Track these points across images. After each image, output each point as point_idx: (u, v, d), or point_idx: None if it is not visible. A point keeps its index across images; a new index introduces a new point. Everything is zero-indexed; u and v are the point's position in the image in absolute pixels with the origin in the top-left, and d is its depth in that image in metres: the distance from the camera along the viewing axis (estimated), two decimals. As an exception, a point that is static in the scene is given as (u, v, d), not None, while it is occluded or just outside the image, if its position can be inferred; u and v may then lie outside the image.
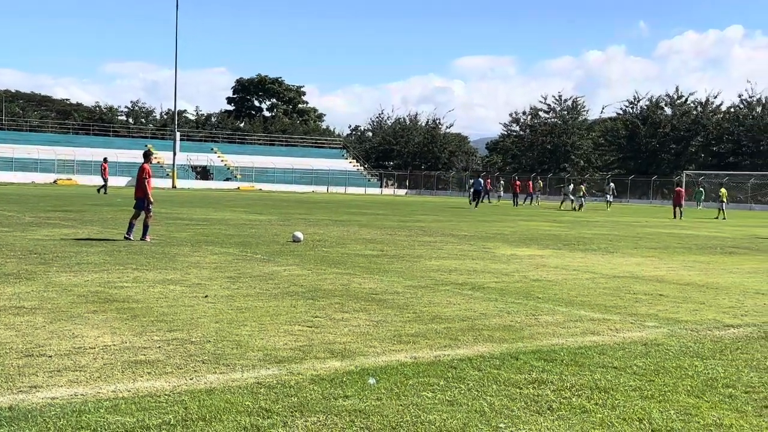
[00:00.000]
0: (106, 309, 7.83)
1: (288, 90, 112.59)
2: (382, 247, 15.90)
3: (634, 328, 7.77)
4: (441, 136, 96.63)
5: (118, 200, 34.88)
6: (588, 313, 8.60)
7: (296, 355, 6.13)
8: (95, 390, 5.03)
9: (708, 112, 79.12)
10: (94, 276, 10.20)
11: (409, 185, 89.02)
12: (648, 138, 79.67)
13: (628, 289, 10.73)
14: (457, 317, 8.04)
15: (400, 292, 9.71)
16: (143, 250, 13.57)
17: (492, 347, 6.63)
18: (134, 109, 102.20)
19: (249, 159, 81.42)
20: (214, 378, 5.39)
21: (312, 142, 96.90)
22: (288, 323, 7.38)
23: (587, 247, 17.56)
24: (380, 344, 6.61)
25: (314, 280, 10.54)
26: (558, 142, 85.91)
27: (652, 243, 19.74)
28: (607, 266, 13.66)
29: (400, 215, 30.64)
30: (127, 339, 6.50)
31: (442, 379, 5.52)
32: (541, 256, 15.06)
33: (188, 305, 8.20)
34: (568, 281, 11.38)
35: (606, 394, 5.29)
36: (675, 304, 9.42)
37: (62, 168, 70.04)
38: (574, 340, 7.05)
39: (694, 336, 7.46)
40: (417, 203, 49.66)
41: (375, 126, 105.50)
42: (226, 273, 10.93)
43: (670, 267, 13.89)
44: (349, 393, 5.11)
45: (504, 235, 20.69)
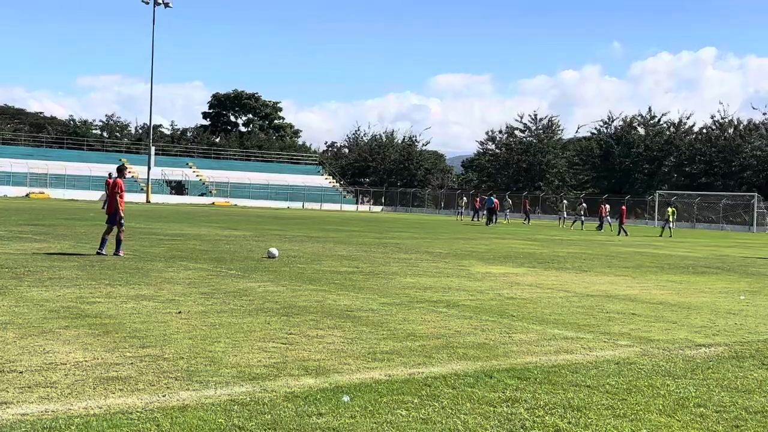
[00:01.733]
0: (78, 324, 7.75)
1: (264, 105, 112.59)
2: (357, 263, 15.90)
3: (607, 347, 7.82)
4: (417, 153, 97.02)
5: (91, 215, 34.60)
6: (561, 331, 8.65)
7: (270, 372, 6.10)
8: (66, 406, 4.97)
9: (681, 133, 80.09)
10: (66, 291, 10.10)
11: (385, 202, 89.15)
12: (622, 158, 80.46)
13: (601, 307, 10.80)
14: (432, 335, 8.05)
15: (375, 309, 9.70)
16: (116, 266, 13.46)
17: (466, 365, 6.64)
18: (109, 122, 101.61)
19: (224, 174, 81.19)
20: (187, 395, 5.35)
21: (288, 158, 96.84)
22: (262, 340, 7.35)
23: (561, 266, 17.66)
24: (355, 362, 6.61)
25: (289, 296, 10.51)
26: (533, 160, 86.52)
27: (626, 262, 19.91)
28: (581, 285, 13.75)
29: (376, 232, 30.66)
30: (99, 355, 6.44)
31: (417, 397, 5.53)
32: (515, 274, 15.13)
33: (161, 321, 8.14)
34: (542, 299, 11.43)
35: (579, 413, 5.32)
36: (647, 323, 9.50)
37: (35, 182, 69.41)
38: (548, 359, 7.08)
39: (666, 355, 7.53)
40: (393, 220, 49.72)
41: (351, 142, 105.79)
42: (200, 289, 10.87)
43: (643, 286, 14.00)
44: (323, 410, 5.10)
45: (479, 253, 20.77)
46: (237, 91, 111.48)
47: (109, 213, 15.61)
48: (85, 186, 71.00)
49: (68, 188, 69.81)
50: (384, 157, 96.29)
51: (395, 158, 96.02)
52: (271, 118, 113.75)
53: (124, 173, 16.10)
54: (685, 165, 78.03)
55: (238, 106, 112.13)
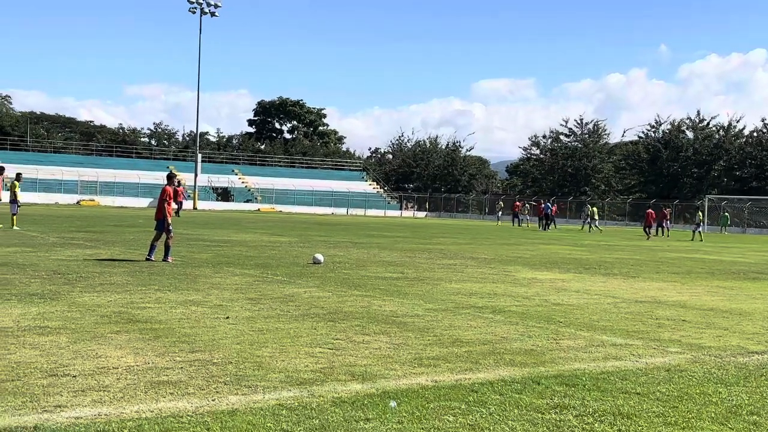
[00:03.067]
0: (129, 329, 7.89)
1: (309, 112, 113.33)
2: (402, 269, 15.90)
3: (657, 354, 7.71)
4: (461, 158, 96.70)
5: (140, 221, 35.14)
6: (610, 338, 8.55)
7: (317, 377, 6.14)
8: (118, 410, 5.06)
9: (730, 136, 78.57)
10: (117, 296, 10.28)
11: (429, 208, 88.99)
12: (669, 162, 79.23)
13: (650, 314, 10.65)
14: (478, 341, 8.02)
15: (420, 314, 9.70)
16: (165, 271, 13.66)
17: (513, 371, 6.61)
18: (157, 131, 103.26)
19: (269, 181, 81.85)
20: (236, 399, 5.41)
21: (332, 165, 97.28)
22: (309, 345, 7.40)
23: (608, 272, 17.46)
24: (401, 367, 6.61)
25: (335, 302, 10.56)
26: (579, 165, 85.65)
27: (675, 268, 19.60)
28: (629, 291, 13.58)
29: (420, 238, 30.63)
30: (150, 359, 6.54)
31: (464, 403, 5.51)
32: (562, 280, 14.99)
33: (210, 326, 8.24)
34: (589, 305, 11.32)
35: (629, 420, 5.26)
36: (698, 330, 9.35)
37: (85, 189, 70.74)
38: (596, 365, 7.01)
39: (717, 362, 7.40)
40: (437, 226, 49.63)
41: (395, 148, 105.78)
42: (247, 294, 10.97)
43: (693, 292, 13.78)
44: (370, 416, 5.11)
45: (524, 259, 20.63)
46: (282, 98, 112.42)
47: (157, 219, 15.83)
48: (134, 193, 72.18)
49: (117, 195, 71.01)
50: (428, 162, 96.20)
51: (439, 164, 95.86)
52: (316, 124, 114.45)
53: (172, 180, 16.27)
54: (735, 169, 76.54)
55: (283, 113, 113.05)
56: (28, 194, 64.96)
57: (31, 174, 69.05)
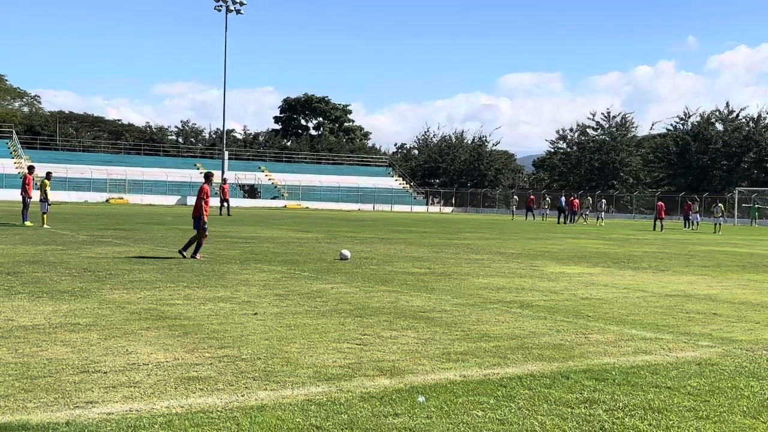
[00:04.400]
0: (159, 326, 7.95)
1: (334, 109, 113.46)
2: (429, 264, 15.88)
3: (688, 348, 7.64)
4: (487, 153, 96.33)
5: (168, 219, 35.42)
6: (639, 332, 8.48)
7: (346, 372, 6.15)
8: (149, 406, 5.11)
9: (761, 128, 77.54)
10: (146, 293, 10.37)
11: (456, 203, 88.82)
12: (699, 154, 78.42)
13: (680, 307, 10.55)
14: (506, 335, 7.99)
15: (448, 310, 9.69)
16: (194, 268, 13.76)
17: (542, 366, 6.58)
18: (184, 128, 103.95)
19: (296, 177, 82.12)
20: (265, 395, 5.44)
21: (358, 161, 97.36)
22: (337, 341, 7.42)
23: (637, 265, 17.32)
24: (429, 362, 6.61)
25: (362, 297, 10.57)
26: (606, 159, 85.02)
27: (704, 261, 19.40)
28: (658, 285, 13.46)
29: (447, 233, 30.58)
30: (180, 356, 6.59)
31: (492, 398, 5.50)
32: (590, 274, 14.90)
33: (238, 322, 8.28)
34: (618, 300, 11.23)
35: (660, 415, 5.21)
36: (729, 324, 9.25)
37: (114, 187, 71.42)
38: (626, 360, 6.95)
39: (749, 356, 7.31)
40: (463, 221, 49.51)
41: (421, 144, 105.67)
42: (274, 290, 11.02)
43: (724, 285, 13.63)
44: (398, 411, 5.11)
45: (552, 253, 20.52)
46: (307, 95, 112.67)
47: (194, 217, 15.95)
48: (162, 191, 72.74)
49: (146, 193, 71.61)
50: (454, 157, 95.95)
51: (465, 159, 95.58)
52: (341, 121, 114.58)
53: (210, 179, 16.36)
54: (766, 161, 75.58)
55: (309, 109, 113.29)
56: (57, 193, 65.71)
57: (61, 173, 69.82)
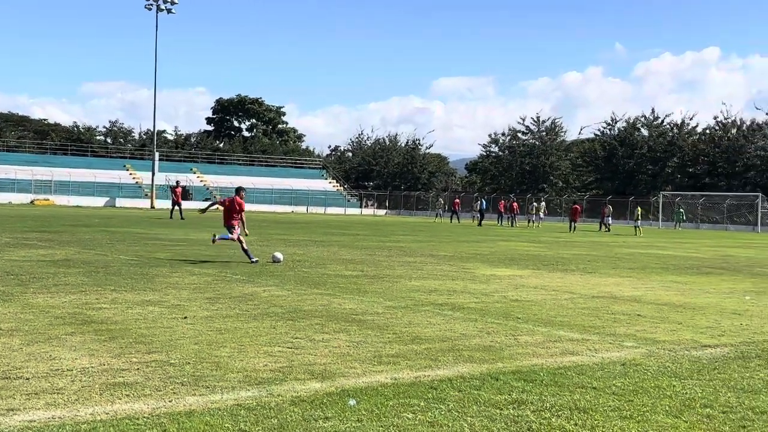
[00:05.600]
0: (84, 330, 7.77)
1: (268, 110, 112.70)
2: (362, 267, 15.90)
3: (613, 348, 7.81)
4: (420, 156, 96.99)
5: (96, 221, 34.66)
6: (567, 333, 8.64)
7: (276, 376, 6.11)
8: (73, 413, 4.98)
9: (684, 134, 79.96)
10: (71, 297, 10.12)
11: (389, 205, 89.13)
12: (625, 159, 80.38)
13: (606, 309, 10.79)
14: (438, 338, 8.05)
15: (380, 312, 9.71)
16: (122, 272, 13.49)
17: (472, 368, 6.64)
18: (113, 129, 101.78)
19: (228, 179, 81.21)
20: (194, 400, 5.36)
21: (291, 163, 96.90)
22: (268, 344, 7.36)
23: (566, 268, 17.65)
24: (360, 365, 6.61)
25: (294, 300, 10.52)
26: (537, 163, 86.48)
27: (631, 263, 19.88)
28: (586, 286, 13.74)
29: (380, 235, 30.66)
30: (106, 361, 6.45)
31: (423, 400, 5.53)
32: (520, 276, 15.12)
33: (167, 327, 8.15)
34: (547, 301, 11.43)
35: (585, 415, 5.32)
36: (653, 324, 9.49)
37: (40, 188, 69.54)
38: (554, 361, 7.08)
39: (672, 356, 7.52)
40: (397, 223, 49.71)
41: (355, 146, 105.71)
42: (205, 294, 10.88)
43: (648, 287, 13.99)
44: (329, 414, 5.10)
45: (483, 256, 20.76)
46: (240, 96, 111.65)
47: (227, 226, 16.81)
48: (90, 192, 71.14)
49: (73, 195, 69.91)
50: (387, 160, 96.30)
51: (399, 161, 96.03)
52: (275, 122, 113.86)
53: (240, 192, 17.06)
54: (689, 166, 77.95)
55: (242, 111, 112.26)
56: (-20, 194, 63.71)
57: (-17, 173, 67.81)
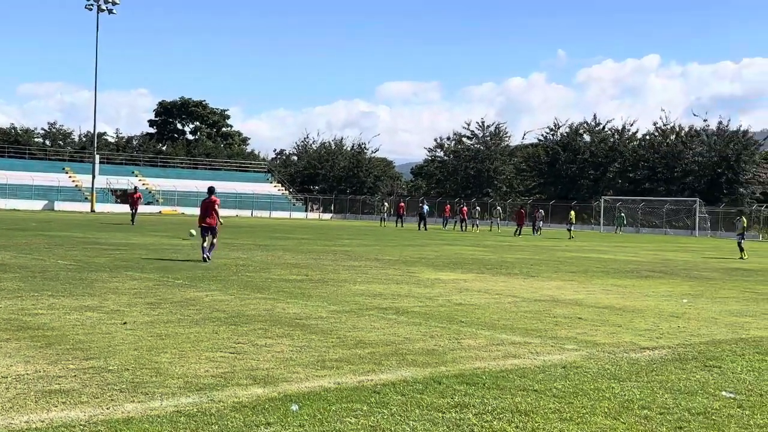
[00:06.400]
0: (20, 337, 7.58)
1: (212, 113, 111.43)
2: (306, 271, 15.83)
3: (554, 351, 7.91)
4: (366, 160, 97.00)
5: (33, 224, 33.88)
6: (510, 336, 8.72)
7: (218, 382, 6.04)
8: (7, 421, 4.85)
9: (624, 140, 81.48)
10: (7, 303, 9.86)
11: (335, 209, 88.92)
12: (568, 164, 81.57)
13: (548, 312, 10.92)
14: (381, 342, 8.05)
15: (324, 317, 9.67)
16: (59, 276, 13.20)
17: (415, 371, 6.66)
18: (51, 131, 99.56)
19: (171, 183, 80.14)
20: (132, 407, 5.27)
21: (236, 166, 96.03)
22: (210, 350, 7.27)
23: (509, 271, 17.83)
24: (304, 370, 6.57)
25: (237, 305, 10.42)
26: (481, 167, 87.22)
27: (572, 267, 20.17)
28: (529, 290, 13.90)
29: (326, 239, 30.58)
30: (41, 368, 6.30)
31: (366, 405, 5.52)
32: (464, 280, 15.22)
33: (106, 332, 8.00)
34: (490, 305, 11.52)
35: (526, 417, 5.37)
36: (593, 327, 9.64)
37: (-25, 191, 67.65)
38: (496, 364, 7.13)
39: (611, 358, 7.64)
40: (342, 227, 49.64)
41: (300, 150, 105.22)
42: (146, 299, 10.71)
43: (589, 290, 14.21)
44: (271, 420, 5.06)
45: (428, 260, 20.85)
46: (184, 98, 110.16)
47: (210, 225, 17.86)
48: (28, 195, 69.44)
49: (10, 198, 68.17)
50: (333, 164, 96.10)
51: (344, 165, 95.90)
52: (219, 125, 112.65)
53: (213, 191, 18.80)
54: (629, 171, 79.46)
55: (185, 113, 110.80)
56: None
57: None
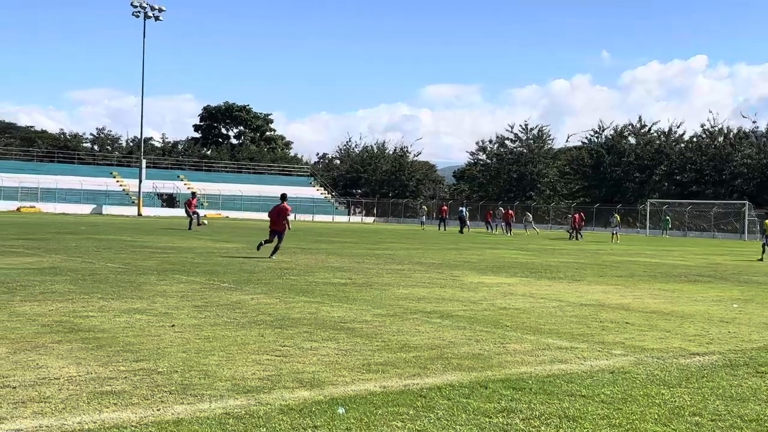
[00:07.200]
0: (71, 339, 7.72)
1: (255, 118, 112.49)
2: (350, 275, 15.88)
3: (602, 357, 7.83)
4: (408, 164, 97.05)
5: (82, 228, 34.50)
6: (556, 341, 8.65)
7: (264, 384, 6.09)
8: (60, 422, 4.95)
9: (671, 142, 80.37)
10: (58, 305, 10.05)
11: (377, 213, 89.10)
12: (612, 167, 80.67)
13: (594, 317, 10.81)
14: (426, 346, 8.04)
15: (368, 320, 9.69)
16: (109, 279, 13.42)
17: (461, 376, 6.64)
18: (99, 136, 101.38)
19: (216, 186, 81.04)
20: (182, 409, 5.33)
21: (279, 170, 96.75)
22: (256, 352, 7.33)
23: (554, 275, 17.68)
24: (349, 373, 6.59)
25: (282, 308, 10.49)
26: (524, 170, 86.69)
27: (618, 271, 19.94)
28: (574, 294, 13.77)
29: (368, 243, 30.64)
30: (93, 369, 6.41)
31: (412, 409, 5.51)
32: (508, 284, 15.13)
33: (155, 335, 8.11)
34: (535, 309, 11.44)
35: (574, 423, 5.32)
36: (641, 332, 9.51)
37: (26, 196, 69.10)
38: (543, 369, 7.08)
39: (660, 364, 7.54)
40: (385, 231, 49.70)
41: (342, 154, 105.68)
42: (193, 302, 10.83)
43: (636, 295, 14.03)
44: (318, 423, 5.08)
45: (471, 263, 20.77)
46: (228, 103, 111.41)
47: (277, 230, 19.60)
48: (77, 200, 70.77)
49: (59, 202, 69.51)
50: (375, 168, 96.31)
51: (387, 169, 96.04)
52: (263, 130, 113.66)
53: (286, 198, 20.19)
54: (676, 174, 78.28)
55: (229, 118, 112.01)
56: (-35, 201, 63.29)
57: (-31, 180, 67.37)
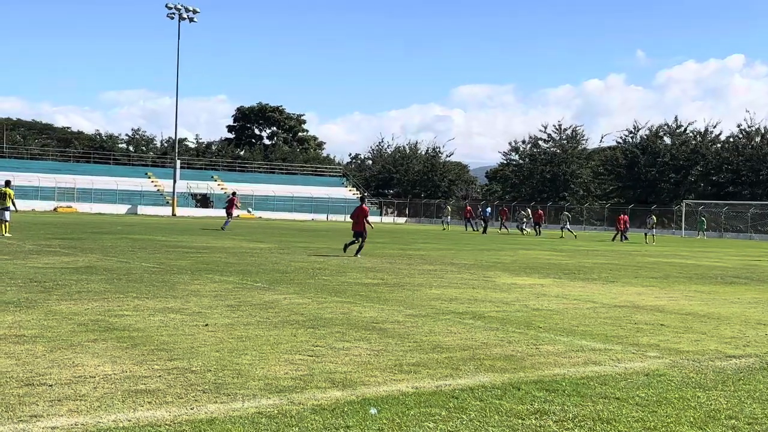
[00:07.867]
0: (107, 337, 7.81)
1: (288, 118, 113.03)
2: (382, 275, 15.89)
3: (636, 359, 7.74)
4: (441, 164, 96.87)
5: (118, 228, 34.90)
6: (589, 342, 8.58)
7: (297, 384, 6.11)
8: (95, 419, 5.00)
9: (707, 142, 79.28)
10: (94, 304, 10.18)
11: (409, 213, 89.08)
12: (647, 167, 79.79)
13: (629, 318, 10.70)
14: (459, 346, 8.01)
15: (400, 321, 9.69)
16: (144, 279, 13.56)
17: (494, 377, 6.61)
18: (134, 137, 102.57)
19: (249, 187, 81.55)
20: (215, 408, 5.37)
21: (312, 170, 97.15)
22: (289, 352, 7.36)
23: (587, 276, 17.54)
24: (381, 374, 6.59)
25: (315, 308, 10.52)
26: (557, 171, 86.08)
27: (653, 272, 19.72)
28: (608, 295, 13.64)
29: (401, 243, 30.63)
30: (128, 368, 6.48)
31: (444, 410, 5.50)
32: (541, 285, 15.04)
33: (188, 334, 8.18)
34: (569, 310, 11.35)
35: (608, 425, 5.27)
36: (676, 335, 9.40)
37: (62, 196, 70.14)
38: (576, 370, 7.02)
39: (696, 367, 7.44)
40: (417, 231, 49.66)
41: (375, 154, 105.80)
42: (226, 301, 10.91)
43: (671, 297, 13.86)
44: (350, 423, 5.09)
45: (504, 264, 20.68)
46: (261, 104, 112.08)
47: (357, 231, 21.23)
48: (112, 200, 71.69)
49: (95, 202, 70.47)
50: (407, 168, 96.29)
51: (419, 169, 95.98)
52: (295, 130, 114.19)
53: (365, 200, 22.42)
54: (712, 174, 77.24)
55: (263, 119, 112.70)
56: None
57: (8, 181, 68.45)
